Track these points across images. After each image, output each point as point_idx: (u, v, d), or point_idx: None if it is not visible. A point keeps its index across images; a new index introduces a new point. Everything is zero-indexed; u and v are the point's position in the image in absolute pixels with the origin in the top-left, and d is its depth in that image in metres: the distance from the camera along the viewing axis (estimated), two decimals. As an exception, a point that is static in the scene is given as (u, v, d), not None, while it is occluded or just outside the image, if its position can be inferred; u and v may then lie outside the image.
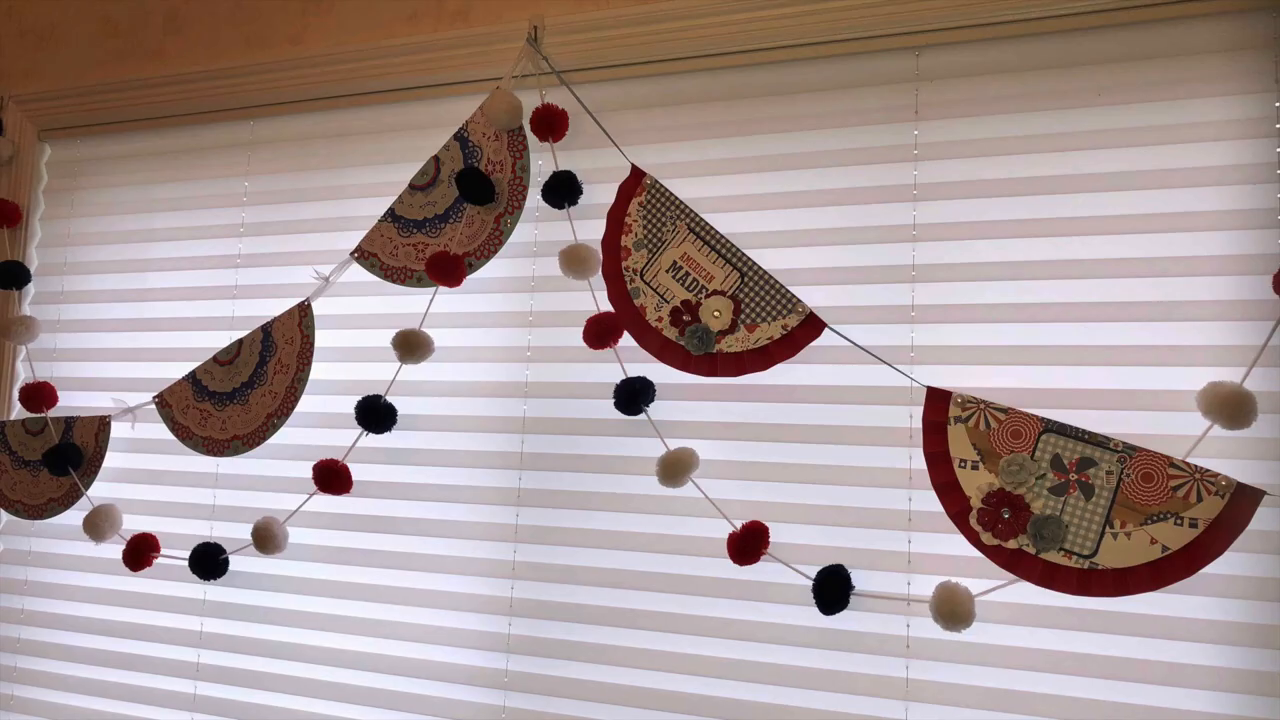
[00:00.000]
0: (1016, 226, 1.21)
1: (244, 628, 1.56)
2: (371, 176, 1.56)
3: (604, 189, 1.39)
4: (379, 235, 1.49)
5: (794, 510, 1.27)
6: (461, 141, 1.46)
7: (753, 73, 1.36)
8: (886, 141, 1.28)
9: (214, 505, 1.60)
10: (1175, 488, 1.06)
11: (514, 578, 1.41)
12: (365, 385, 1.50)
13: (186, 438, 1.57)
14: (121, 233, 1.74)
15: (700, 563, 1.31)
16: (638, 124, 1.40)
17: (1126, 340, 1.16)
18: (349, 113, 1.59)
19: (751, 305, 1.27)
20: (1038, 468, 1.12)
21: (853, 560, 1.23)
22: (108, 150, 1.77)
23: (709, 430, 1.32)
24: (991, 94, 1.24)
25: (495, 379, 1.45)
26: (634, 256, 1.34)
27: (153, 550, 1.57)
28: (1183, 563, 1.05)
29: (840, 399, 1.27)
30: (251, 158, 1.66)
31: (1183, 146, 1.16)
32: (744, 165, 1.35)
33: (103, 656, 1.65)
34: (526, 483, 1.42)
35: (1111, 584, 1.07)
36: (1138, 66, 1.19)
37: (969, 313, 1.22)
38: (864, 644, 1.23)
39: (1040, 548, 1.10)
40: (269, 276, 1.61)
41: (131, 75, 1.73)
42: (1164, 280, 1.15)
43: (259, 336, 1.54)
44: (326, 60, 1.56)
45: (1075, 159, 1.20)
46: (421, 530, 1.46)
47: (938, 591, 1.13)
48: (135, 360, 1.69)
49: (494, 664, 1.40)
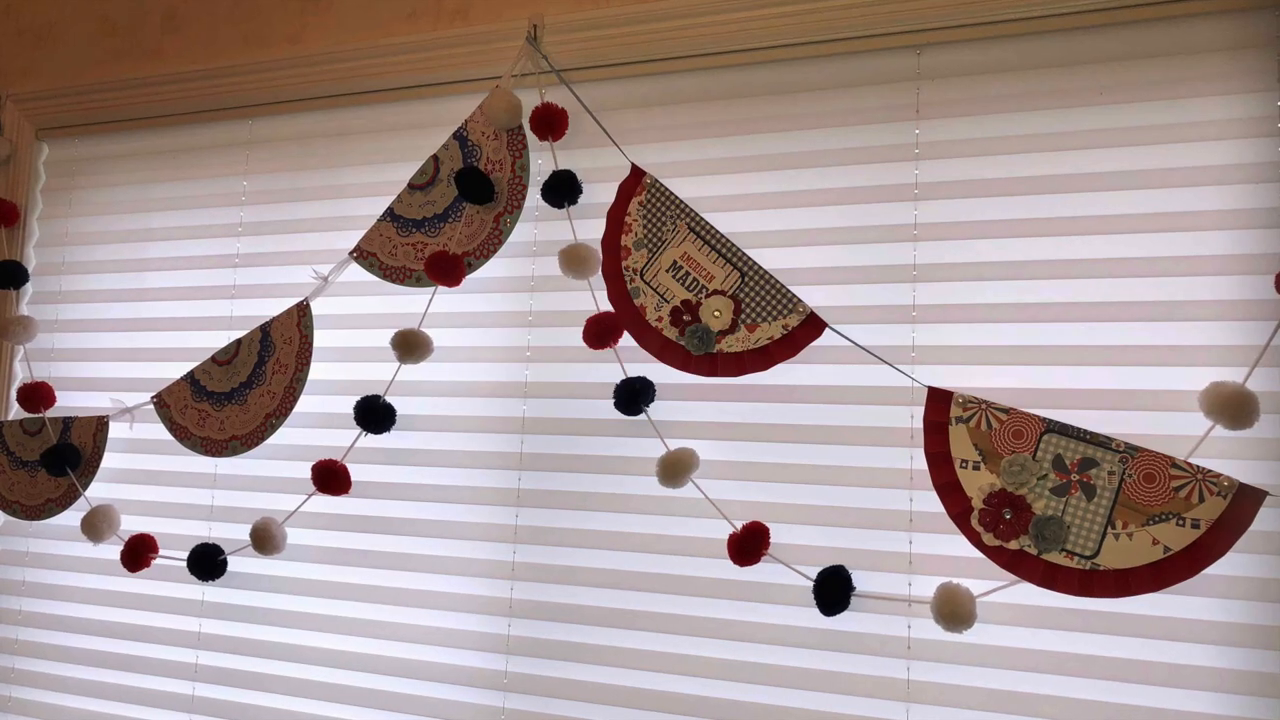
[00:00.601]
0: (1018, 226, 1.22)
1: (242, 629, 1.56)
2: (370, 176, 1.56)
3: (604, 188, 1.39)
4: (378, 235, 1.49)
5: (795, 511, 1.27)
6: (461, 140, 1.46)
7: (753, 71, 1.36)
8: (887, 141, 1.28)
9: (212, 506, 1.60)
10: (1177, 488, 1.06)
11: (513, 579, 1.41)
12: (364, 385, 1.50)
13: (185, 438, 1.57)
14: (119, 232, 1.74)
15: (700, 564, 1.31)
16: (637, 123, 1.40)
17: (1128, 340, 1.16)
18: (348, 112, 1.59)
19: (752, 305, 1.27)
20: (1039, 468, 1.12)
21: (853, 561, 1.23)
22: (105, 149, 1.78)
23: (709, 430, 1.33)
24: (993, 93, 1.25)
25: (495, 379, 1.45)
26: (634, 256, 1.35)
27: (151, 551, 1.58)
28: (1185, 563, 1.05)
29: (841, 399, 1.27)
30: (250, 157, 1.66)
31: (1184, 146, 1.16)
32: (744, 164, 1.35)
33: (101, 658, 1.65)
34: (526, 483, 1.42)
35: (1113, 585, 1.07)
36: (1139, 65, 1.19)
37: (970, 312, 1.23)
38: (865, 645, 1.23)
39: (1042, 548, 1.10)
40: (267, 276, 1.62)
41: (129, 74, 1.74)
42: (1166, 280, 1.16)
43: (257, 336, 1.54)
44: (325, 59, 1.56)
45: (1077, 158, 1.20)
46: (420, 531, 1.47)
47: (939, 592, 1.14)
48: (133, 360, 1.70)
49: (493, 665, 1.40)
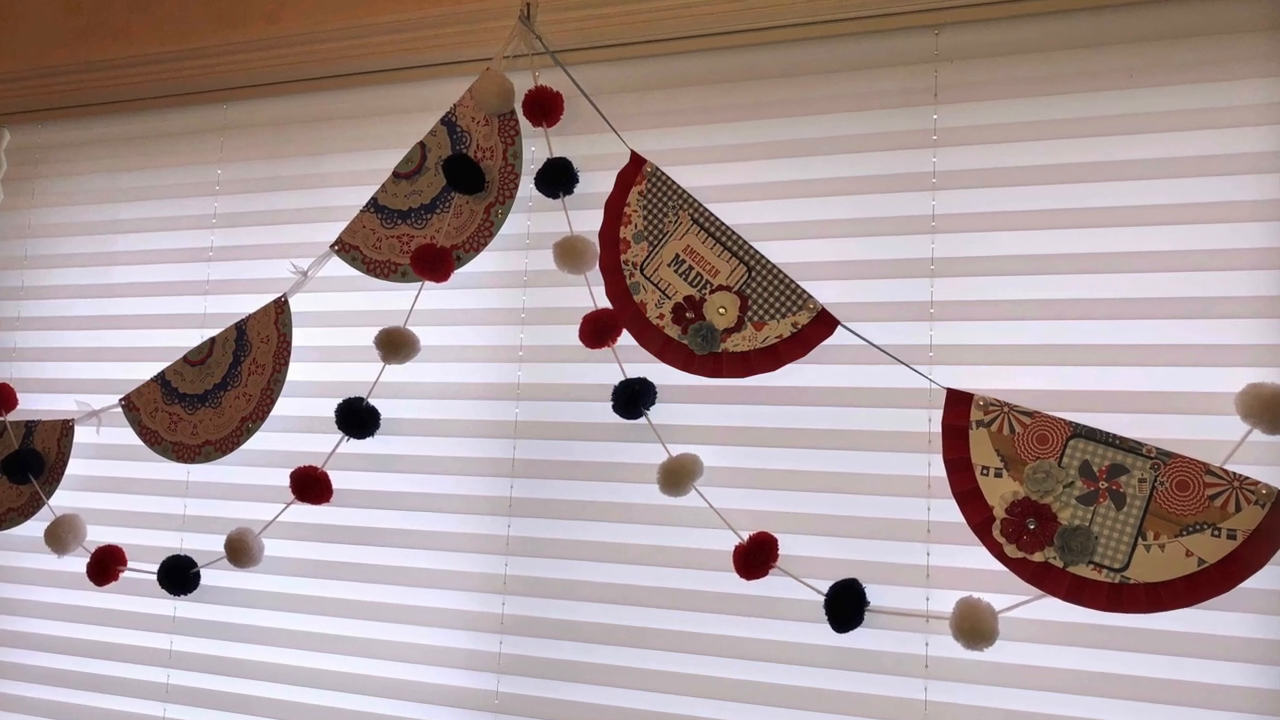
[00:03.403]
0: (1042, 217, 1.22)
1: (216, 646, 1.56)
2: (353, 164, 1.56)
3: (601, 177, 1.39)
4: (361, 227, 1.49)
5: (805, 521, 1.27)
6: (449, 126, 1.46)
7: (760, 53, 1.36)
8: (903, 126, 1.28)
9: (184, 515, 1.60)
10: (1212, 496, 1.06)
11: (505, 593, 1.41)
12: (346, 387, 1.50)
13: (155, 443, 1.57)
14: (86, 224, 1.74)
15: (704, 577, 1.31)
16: (637, 108, 1.40)
17: (1160, 339, 1.16)
18: (329, 95, 1.59)
19: (759, 301, 1.27)
20: (1065, 475, 1.12)
21: (867, 574, 1.23)
22: (71, 136, 1.77)
23: (714, 435, 1.32)
24: (1016, 75, 1.25)
25: (485, 380, 1.45)
26: (634, 249, 1.35)
27: (119, 563, 1.57)
28: (1220, 576, 1.05)
29: (854, 401, 1.27)
30: (225, 144, 1.66)
31: (1220, 132, 1.16)
32: (751, 152, 1.35)
33: (65, 677, 1.65)
34: (519, 491, 1.42)
35: (1144, 599, 1.07)
36: (1172, 46, 1.19)
37: (991, 309, 1.23)
38: (880, 664, 1.23)
39: (1068, 560, 1.10)
40: (243, 271, 1.62)
41: (95, 55, 1.73)
42: (1200, 275, 1.16)
43: (233, 335, 1.54)
44: (305, 39, 1.56)
45: (1105, 145, 1.20)
46: (406, 542, 1.47)
47: (958, 608, 1.13)
48: (100, 360, 1.69)
49: (484, 685, 1.40)
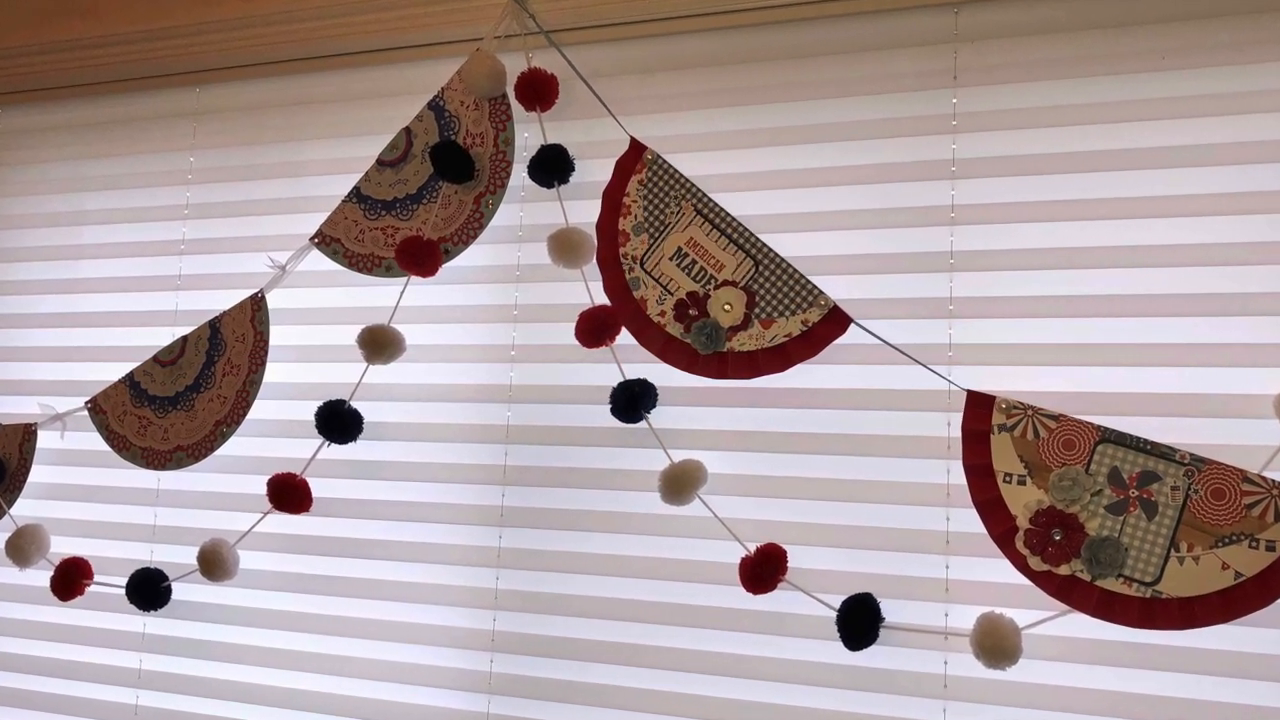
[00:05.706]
0: (1068, 208, 1.21)
1: (188, 665, 1.56)
2: (334, 151, 1.56)
3: (599, 165, 1.39)
4: (343, 218, 1.49)
5: (815, 531, 1.27)
6: (437, 111, 1.46)
7: (768, 33, 1.36)
8: (920, 111, 1.28)
9: (155, 526, 1.60)
10: (1250, 505, 1.06)
11: (496, 609, 1.40)
12: (327, 389, 1.49)
13: (123, 448, 1.57)
14: (49, 215, 1.74)
15: (708, 591, 1.31)
16: (637, 91, 1.40)
17: (1194, 337, 1.16)
18: (308, 78, 1.59)
19: (767, 297, 1.27)
20: (1093, 483, 1.11)
21: (882, 588, 1.23)
22: (33, 121, 1.77)
23: (718, 440, 1.32)
24: (1040, 57, 1.25)
25: (475, 381, 1.45)
26: (633, 242, 1.34)
27: (85, 577, 1.57)
28: (1258, 591, 1.05)
29: (868, 404, 1.27)
30: (198, 129, 1.66)
31: (1258, 117, 1.16)
32: (758, 138, 1.35)
33: (27, 698, 1.64)
34: (511, 500, 1.42)
35: (1177, 615, 1.07)
36: (1206, 26, 1.19)
37: (1014, 306, 1.23)
38: (896, 684, 1.22)
39: (1096, 574, 1.10)
40: (217, 265, 1.62)
41: (60, 35, 1.73)
42: (1237, 269, 1.15)
43: (206, 333, 1.54)
44: (283, 19, 1.56)
45: (1135, 131, 1.20)
46: (391, 554, 1.46)
47: (979, 624, 1.13)
48: (65, 360, 1.69)
49: (474, 706, 1.40)
